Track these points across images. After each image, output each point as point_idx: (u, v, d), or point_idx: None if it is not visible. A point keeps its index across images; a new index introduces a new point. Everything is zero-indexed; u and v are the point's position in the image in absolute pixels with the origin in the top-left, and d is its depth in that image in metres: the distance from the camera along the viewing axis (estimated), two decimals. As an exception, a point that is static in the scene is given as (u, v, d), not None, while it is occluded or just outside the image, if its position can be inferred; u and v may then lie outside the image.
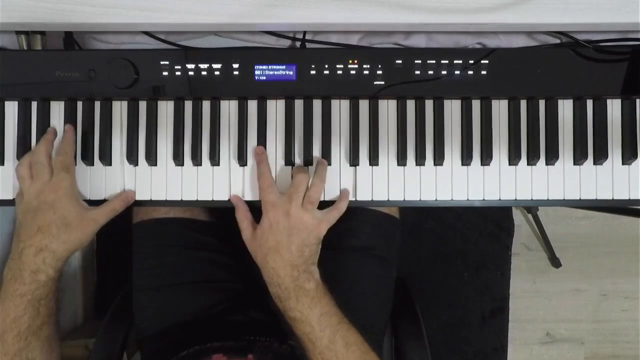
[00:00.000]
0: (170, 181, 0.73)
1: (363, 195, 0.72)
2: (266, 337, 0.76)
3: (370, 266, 0.85)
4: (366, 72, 0.70)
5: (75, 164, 0.72)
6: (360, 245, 0.85)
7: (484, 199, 0.72)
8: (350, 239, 0.84)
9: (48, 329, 0.66)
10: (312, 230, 0.67)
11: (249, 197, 0.72)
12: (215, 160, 0.72)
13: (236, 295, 0.89)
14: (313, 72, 0.70)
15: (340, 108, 0.73)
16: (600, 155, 0.71)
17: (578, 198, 0.72)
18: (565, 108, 0.72)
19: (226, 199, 0.72)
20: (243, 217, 0.70)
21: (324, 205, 0.70)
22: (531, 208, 1.46)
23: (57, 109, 0.73)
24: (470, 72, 0.70)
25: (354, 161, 0.72)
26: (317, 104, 0.72)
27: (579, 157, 0.71)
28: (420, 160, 0.71)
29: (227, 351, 0.71)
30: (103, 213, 0.69)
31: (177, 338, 0.80)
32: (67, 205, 0.66)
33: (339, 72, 0.70)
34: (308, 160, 0.72)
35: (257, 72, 0.70)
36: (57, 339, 0.68)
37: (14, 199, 0.72)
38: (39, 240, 0.64)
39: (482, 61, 0.70)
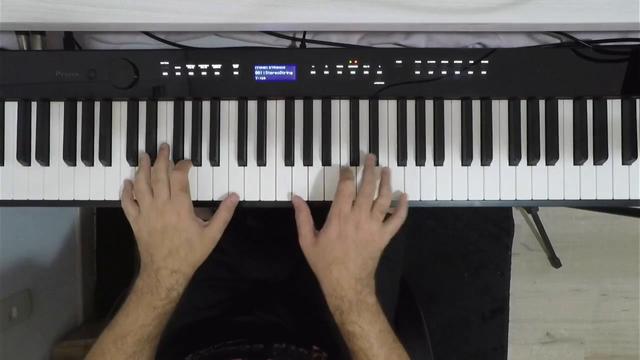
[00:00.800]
0: (170, 181, 0.72)
1: (363, 196, 0.72)
2: (280, 340, 0.76)
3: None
4: (366, 72, 0.70)
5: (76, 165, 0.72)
6: None
7: (484, 199, 0.72)
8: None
9: (157, 342, 0.69)
10: (378, 243, 0.66)
11: (249, 197, 0.72)
12: (215, 160, 0.72)
13: (239, 295, 0.89)
14: (313, 72, 0.70)
15: (340, 108, 0.73)
16: (600, 155, 0.71)
17: (578, 198, 0.72)
18: (565, 108, 0.72)
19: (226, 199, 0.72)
20: (306, 221, 0.68)
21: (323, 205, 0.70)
22: (531, 208, 1.46)
23: (57, 109, 0.72)
24: (470, 72, 0.70)
25: (354, 162, 0.72)
26: (317, 104, 0.72)
27: (579, 157, 0.71)
28: (420, 160, 0.71)
29: (245, 355, 0.71)
30: (217, 228, 0.69)
31: (184, 339, 0.80)
32: (190, 227, 0.67)
33: (339, 72, 0.70)
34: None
35: (257, 73, 0.70)
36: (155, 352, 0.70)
37: (13, 200, 0.72)
38: (171, 263, 0.67)
39: (482, 61, 0.70)
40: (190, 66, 0.70)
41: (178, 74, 0.70)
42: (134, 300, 0.67)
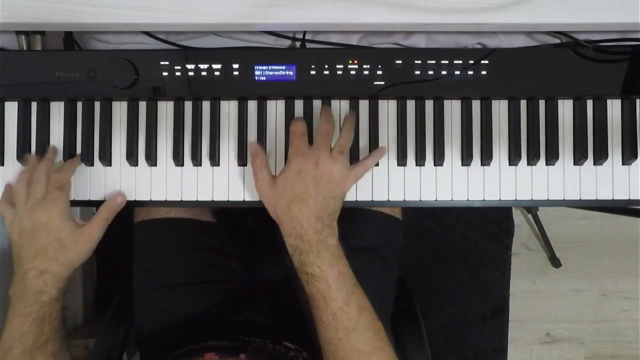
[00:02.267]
0: (170, 181, 0.72)
1: (363, 196, 0.72)
2: (262, 338, 0.76)
3: (372, 267, 0.85)
4: (366, 72, 0.70)
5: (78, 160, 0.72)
6: (363, 246, 0.85)
7: (484, 199, 0.72)
8: (352, 240, 0.84)
9: (53, 345, 0.67)
10: (340, 184, 0.65)
11: (250, 197, 0.72)
12: (215, 160, 0.72)
13: (236, 296, 0.89)
14: (313, 72, 0.70)
15: (340, 108, 0.73)
16: (600, 156, 0.71)
17: (578, 198, 0.72)
18: (565, 108, 0.72)
19: (225, 199, 0.72)
20: (262, 165, 0.67)
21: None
22: (531, 208, 1.46)
23: (57, 110, 0.72)
24: (470, 72, 0.70)
25: (353, 161, 0.71)
26: (317, 105, 0.72)
27: (579, 157, 0.71)
28: (420, 160, 0.71)
29: (220, 350, 0.71)
30: (95, 226, 0.69)
31: (175, 338, 0.80)
32: (60, 225, 0.66)
33: (339, 72, 0.70)
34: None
35: (257, 73, 0.70)
36: (64, 353, 0.69)
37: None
38: (38, 263, 0.65)
39: (482, 61, 0.70)
40: (190, 66, 0.70)
41: (178, 74, 0.70)
42: (9, 311, 0.66)
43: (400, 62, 0.70)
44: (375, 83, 0.70)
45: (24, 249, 0.66)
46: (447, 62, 0.70)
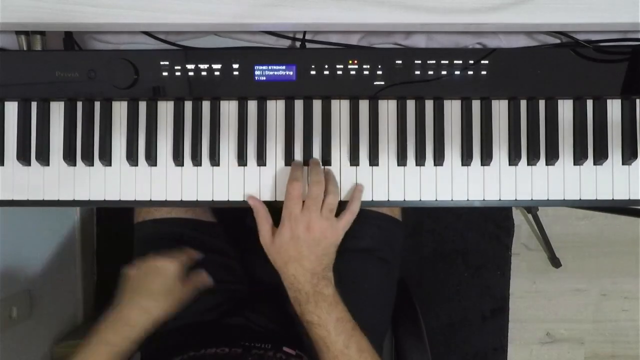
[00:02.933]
0: (170, 181, 0.72)
1: (363, 196, 0.72)
2: (262, 343, 0.77)
3: (372, 268, 0.85)
4: (366, 72, 0.70)
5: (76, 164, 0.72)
6: (363, 247, 0.85)
7: (484, 199, 0.72)
8: (352, 241, 0.84)
9: None
10: (331, 239, 0.69)
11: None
12: (215, 160, 0.72)
13: (236, 296, 0.89)
14: (313, 72, 0.70)
15: (340, 108, 0.72)
16: (600, 156, 0.71)
17: (578, 198, 0.72)
18: (565, 108, 0.72)
19: (225, 199, 0.72)
20: (264, 221, 0.70)
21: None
22: (531, 208, 1.46)
23: (57, 110, 0.72)
24: (470, 73, 0.70)
25: (354, 161, 0.72)
26: (317, 105, 0.72)
27: (579, 157, 0.71)
28: (420, 160, 0.71)
29: (222, 358, 0.72)
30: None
31: (175, 341, 0.80)
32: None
33: (339, 72, 0.70)
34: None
35: (257, 73, 0.70)
36: None
37: (13, 200, 0.72)
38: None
39: (482, 61, 0.70)
40: (190, 66, 0.70)
41: (178, 74, 0.70)
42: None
43: (400, 62, 0.70)
44: (375, 83, 0.70)
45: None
46: (447, 62, 0.70)
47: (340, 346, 0.66)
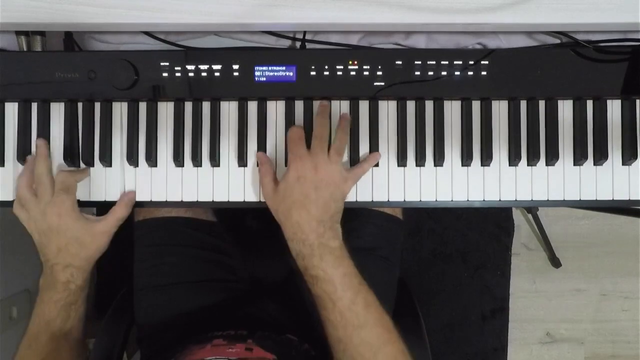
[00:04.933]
0: (171, 182, 0.72)
1: (363, 196, 0.72)
2: (265, 330, 0.76)
3: (373, 267, 0.85)
4: (366, 72, 0.70)
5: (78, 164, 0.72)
6: (364, 245, 0.85)
7: (484, 200, 0.72)
8: (353, 240, 0.84)
9: (77, 333, 0.71)
10: (339, 186, 0.66)
11: (250, 198, 0.72)
12: (215, 161, 0.72)
13: (236, 295, 0.89)
14: (313, 73, 0.70)
15: (340, 109, 0.72)
16: (600, 156, 0.71)
17: (578, 198, 0.72)
18: (565, 108, 0.72)
19: (226, 200, 0.72)
20: (267, 172, 0.68)
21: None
22: (531, 208, 1.46)
23: (57, 110, 0.72)
24: (470, 73, 0.70)
25: (354, 162, 0.71)
26: (317, 105, 0.72)
27: (579, 157, 0.71)
28: (420, 161, 0.71)
29: (226, 337, 0.72)
30: (111, 223, 0.70)
31: (176, 336, 0.80)
32: (74, 226, 0.68)
33: (339, 72, 0.70)
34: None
35: (257, 73, 0.70)
36: (85, 344, 0.72)
37: (13, 200, 0.72)
38: (62, 258, 0.68)
39: (482, 61, 0.70)
40: (190, 67, 0.70)
41: (178, 74, 0.70)
42: (38, 299, 0.69)
43: (400, 62, 0.70)
44: (375, 83, 0.70)
45: (46, 247, 0.68)
46: (447, 62, 0.70)
47: (347, 302, 0.62)
